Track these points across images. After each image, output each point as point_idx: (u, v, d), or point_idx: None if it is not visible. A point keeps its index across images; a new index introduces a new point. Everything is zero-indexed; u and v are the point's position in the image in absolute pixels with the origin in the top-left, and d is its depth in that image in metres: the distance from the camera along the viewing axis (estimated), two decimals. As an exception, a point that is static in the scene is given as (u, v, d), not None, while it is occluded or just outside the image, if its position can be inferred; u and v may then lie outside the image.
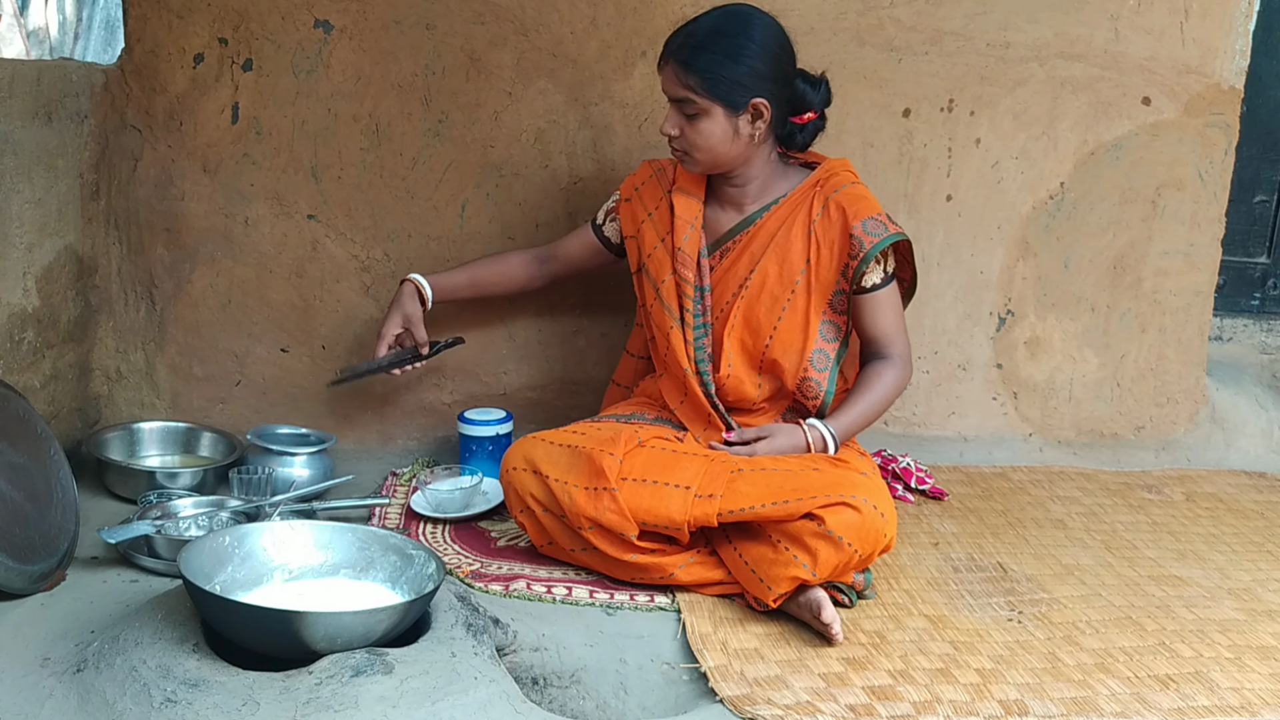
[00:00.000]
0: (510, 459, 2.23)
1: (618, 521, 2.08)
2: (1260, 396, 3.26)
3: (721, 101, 2.17)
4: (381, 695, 1.55)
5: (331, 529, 1.91)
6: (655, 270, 2.36)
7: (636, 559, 2.10)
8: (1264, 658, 2.00)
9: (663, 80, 2.22)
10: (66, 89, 2.46)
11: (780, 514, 2.01)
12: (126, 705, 1.55)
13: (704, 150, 2.22)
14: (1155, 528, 2.61)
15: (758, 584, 2.03)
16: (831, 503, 1.99)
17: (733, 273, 2.33)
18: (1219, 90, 2.95)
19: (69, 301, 2.54)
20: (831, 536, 1.97)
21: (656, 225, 2.38)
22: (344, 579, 1.87)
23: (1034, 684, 1.87)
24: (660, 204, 2.38)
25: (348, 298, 2.77)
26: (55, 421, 2.46)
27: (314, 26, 2.63)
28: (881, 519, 2.02)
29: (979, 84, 2.86)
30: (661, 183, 2.41)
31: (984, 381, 3.03)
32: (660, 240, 2.37)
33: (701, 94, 2.16)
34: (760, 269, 2.29)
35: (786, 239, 2.29)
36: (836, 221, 2.27)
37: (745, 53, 2.16)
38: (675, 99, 2.20)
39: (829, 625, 1.95)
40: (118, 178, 2.66)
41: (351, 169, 2.70)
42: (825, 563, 1.98)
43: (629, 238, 2.45)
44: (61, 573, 2.01)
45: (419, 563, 1.83)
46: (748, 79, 2.17)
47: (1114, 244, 3.00)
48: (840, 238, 2.26)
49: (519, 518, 2.22)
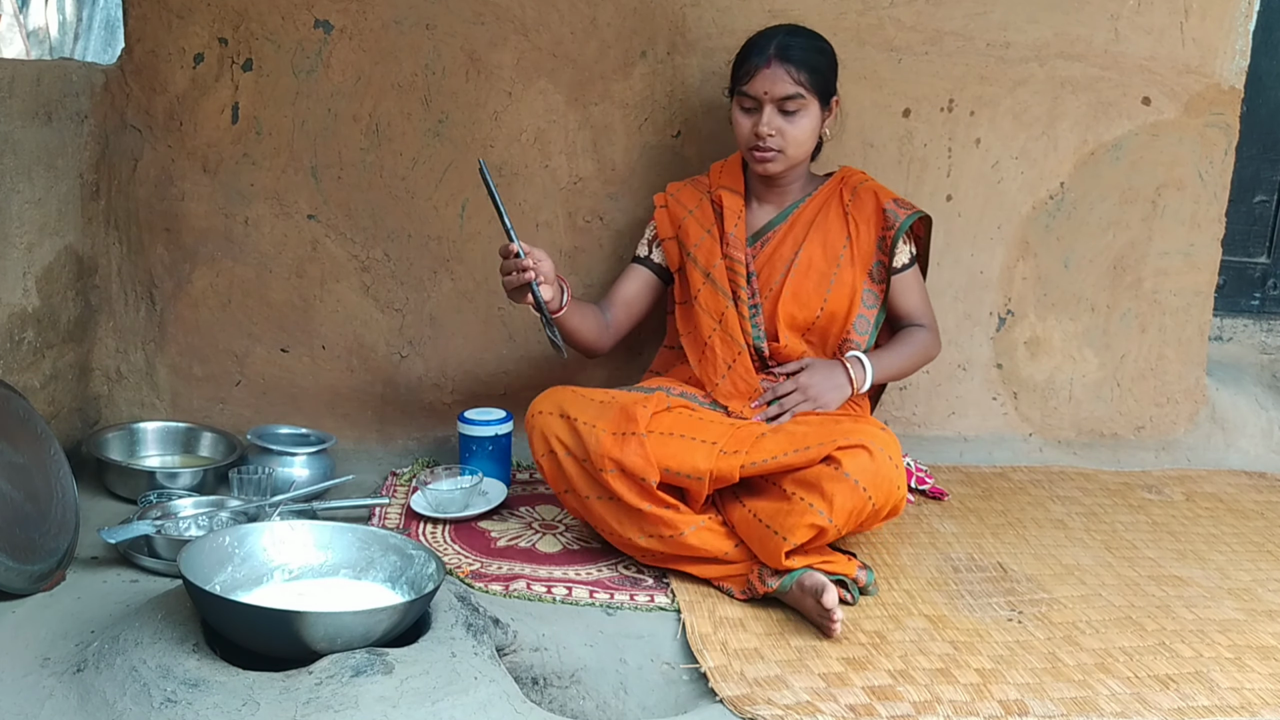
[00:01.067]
0: (538, 404, 2.27)
1: (641, 464, 2.11)
2: (1260, 396, 3.26)
3: (819, 96, 2.38)
4: (381, 695, 1.55)
5: (331, 529, 1.91)
6: (704, 258, 2.47)
7: (651, 509, 2.12)
8: (1264, 658, 2.00)
9: (761, 81, 2.33)
10: (66, 89, 2.46)
11: (802, 460, 2.08)
12: (126, 705, 1.55)
13: (796, 147, 2.39)
14: (1155, 528, 2.61)
15: (771, 539, 2.05)
16: (849, 445, 2.07)
17: (777, 256, 2.47)
18: (1219, 90, 2.95)
19: (69, 301, 2.54)
20: (848, 480, 2.03)
21: (700, 219, 2.51)
22: (344, 579, 1.87)
23: (1034, 684, 1.87)
24: (701, 202, 2.53)
25: (348, 298, 2.77)
26: (55, 421, 2.46)
27: (314, 26, 2.63)
28: (895, 468, 2.08)
29: (979, 84, 2.86)
30: (697, 188, 2.56)
31: (984, 381, 3.03)
32: (706, 231, 2.49)
33: (808, 89, 2.35)
34: (805, 250, 2.46)
35: (825, 222, 2.48)
36: (868, 202, 2.48)
37: (829, 55, 2.42)
38: (782, 96, 2.33)
39: (830, 611, 1.95)
40: (118, 178, 2.66)
41: (351, 169, 2.71)
42: (841, 508, 2.03)
43: (667, 240, 2.54)
44: (61, 573, 2.01)
45: (419, 563, 1.83)
46: (832, 78, 2.43)
47: (1114, 244, 3.00)
48: (874, 214, 2.47)
49: (540, 460, 2.25)
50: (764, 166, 2.40)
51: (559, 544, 2.33)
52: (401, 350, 2.81)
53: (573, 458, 2.20)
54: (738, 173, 2.53)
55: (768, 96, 2.34)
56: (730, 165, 2.55)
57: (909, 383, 2.99)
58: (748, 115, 2.39)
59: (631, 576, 2.19)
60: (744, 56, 2.39)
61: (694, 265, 2.49)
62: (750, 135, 2.38)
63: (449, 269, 2.78)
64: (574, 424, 2.19)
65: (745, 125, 2.39)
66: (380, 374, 2.82)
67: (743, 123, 2.40)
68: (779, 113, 2.35)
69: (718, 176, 2.54)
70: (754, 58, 2.35)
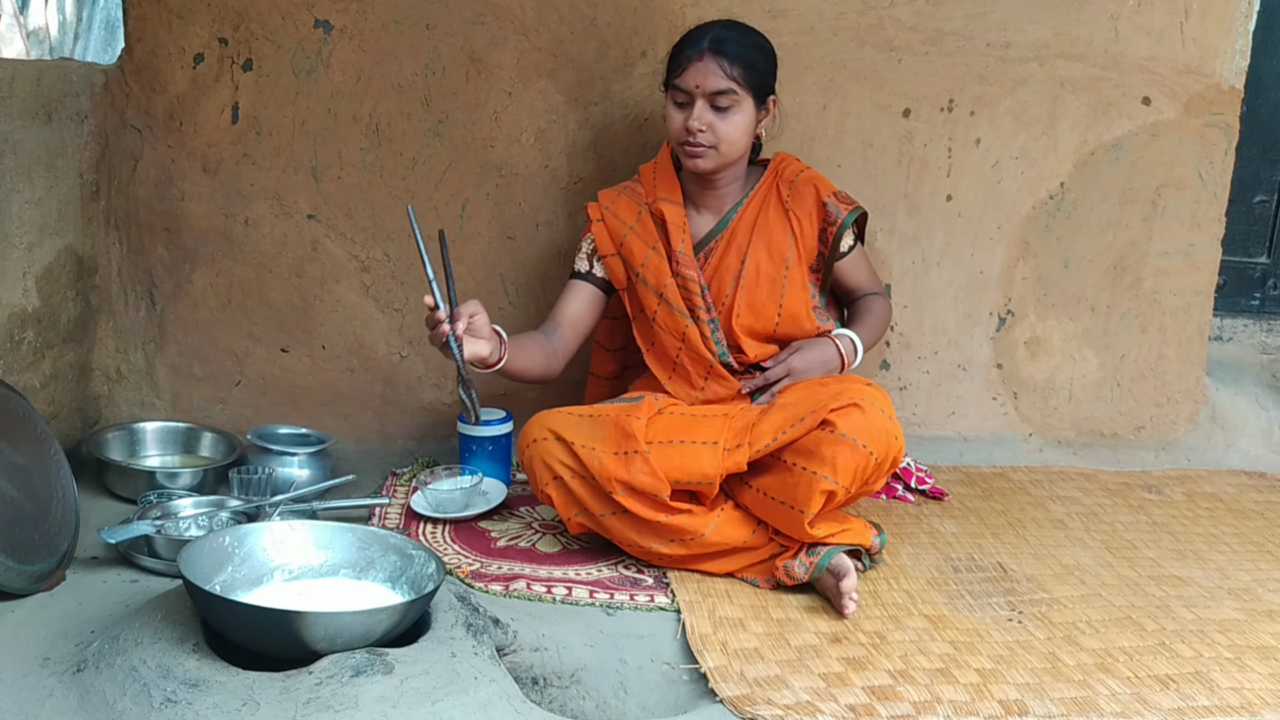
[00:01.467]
0: (531, 431, 2.24)
1: (651, 483, 2.11)
2: (1260, 396, 3.26)
3: (754, 94, 2.30)
4: (381, 695, 1.55)
5: (331, 529, 1.91)
6: (654, 279, 2.40)
7: (667, 520, 2.13)
8: (1264, 658, 2.00)
9: (693, 74, 2.27)
10: (66, 89, 2.46)
11: (800, 431, 2.11)
12: (126, 705, 1.55)
13: (729, 144, 2.31)
14: (1155, 528, 2.61)
15: (789, 514, 2.10)
16: (840, 405, 2.09)
17: (724, 266, 2.42)
18: (1219, 90, 2.95)
19: (69, 301, 2.54)
20: (846, 440, 2.06)
21: (643, 236, 2.42)
22: (344, 579, 1.87)
23: (1034, 684, 1.87)
24: (641, 216, 2.43)
25: (348, 298, 2.77)
26: (55, 421, 2.46)
27: (314, 26, 2.63)
28: (888, 420, 2.11)
29: (979, 84, 2.86)
30: (633, 198, 2.46)
31: (984, 381, 3.03)
32: (651, 249, 2.40)
33: (742, 85, 2.27)
34: (752, 258, 2.40)
35: (767, 224, 2.42)
36: (807, 195, 2.43)
37: (768, 52, 2.36)
38: (714, 91, 2.26)
39: (846, 594, 2.04)
40: (118, 178, 2.66)
41: (351, 169, 2.71)
42: (845, 469, 2.06)
43: (608, 256, 2.44)
44: (61, 573, 2.01)
45: (419, 562, 1.83)
46: (770, 76, 2.36)
47: (1114, 244, 3.00)
48: (815, 207, 2.43)
49: (546, 491, 2.21)
50: (694, 163, 2.33)
51: (559, 544, 2.33)
52: (401, 350, 2.81)
53: (580, 479, 2.17)
54: (672, 178, 2.45)
55: (699, 90, 2.27)
56: (663, 169, 2.46)
57: (909, 382, 2.99)
58: (680, 110, 2.31)
59: (631, 577, 2.19)
60: (678, 49, 2.32)
61: (645, 286, 2.41)
62: (681, 130, 2.30)
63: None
64: (573, 447, 2.16)
65: (677, 120, 2.31)
66: (380, 374, 2.82)
67: (675, 117, 2.32)
68: (710, 108, 2.28)
69: (652, 184, 2.45)
70: (687, 50, 2.29)
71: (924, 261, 2.93)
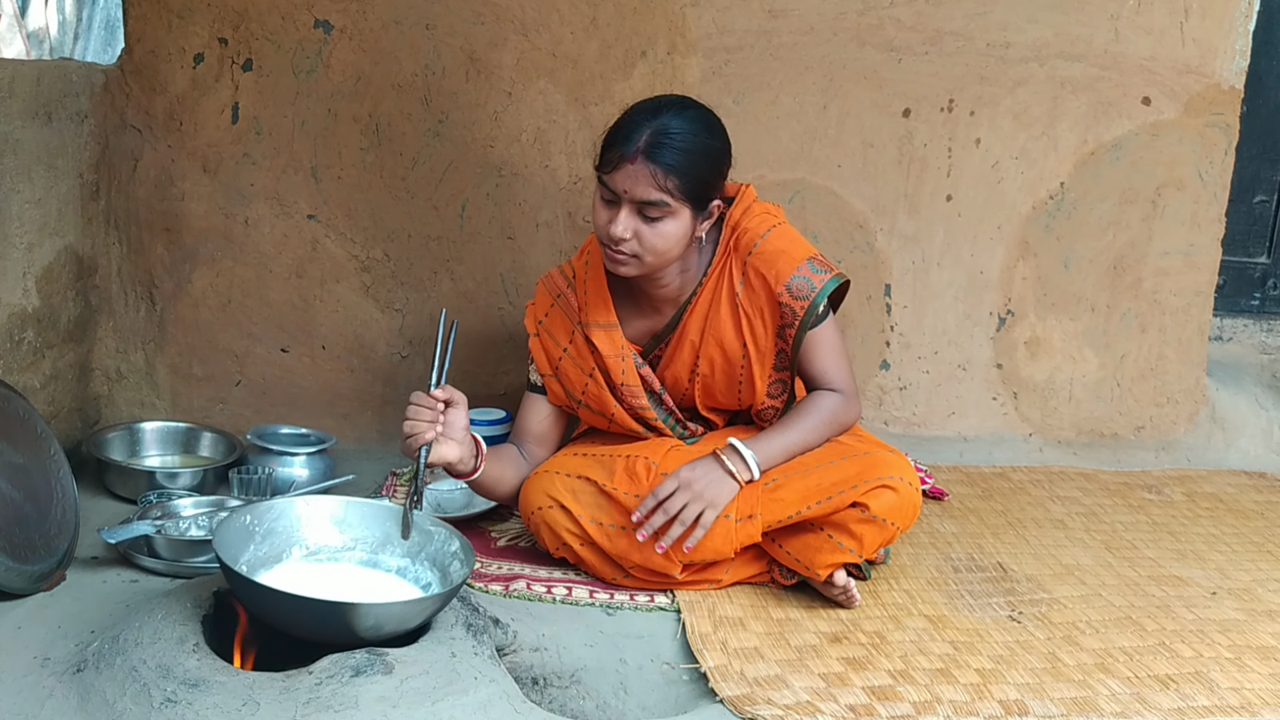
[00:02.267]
0: (532, 499, 2.14)
1: (664, 564, 2.09)
2: (1260, 396, 3.26)
3: (692, 204, 2.01)
4: (381, 695, 1.55)
5: (346, 504, 1.91)
6: (597, 405, 2.21)
7: (685, 578, 2.12)
8: (1264, 658, 2.00)
9: (622, 179, 1.96)
10: (66, 89, 2.46)
11: (826, 510, 2.04)
12: (126, 705, 1.55)
13: (657, 254, 2.03)
14: (1155, 528, 2.61)
15: (802, 569, 2.10)
16: (871, 488, 2.03)
17: (679, 360, 2.20)
18: (1219, 90, 2.95)
19: (69, 301, 2.54)
20: (876, 520, 2.04)
21: (578, 361, 2.20)
22: (361, 554, 1.87)
23: (1034, 684, 1.87)
24: (574, 337, 2.20)
25: (348, 298, 2.77)
26: (55, 421, 2.46)
27: (314, 26, 2.63)
28: (915, 492, 2.08)
29: (979, 84, 2.86)
30: (566, 313, 2.22)
31: (984, 381, 3.03)
32: (589, 376, 2.19)
33: (677, 198, 1.98)
34: (705, 357, 2.18)
35: (718, 321, 2.16)
36: (760, 291, 2.13)
37: (720, 156, 2.05)
38: (643, 200, 1.97)
39: (843, 589, 2.07)
40: (118, 178, 2.66)
41: (351, 169, 2.71)
42: (870, 544, 2.06)
43: (547, 376, 2.24)
44: (61, 573, 2.01)
45: (439, 539, 1.84)
46: (717, 182, 2.06)
47: (1114, 244, 3.00)
48: (769, 306, 2.13)
49: (559, 553, 2.17)
50: (616, 268, 2.05)
51: (559, 544, 2.33)
52: (402, 350, 2.81)
53: (593, 548, 2.13)
54: (603, 284, 2.17)
55: (626, 196, 1.97)
56: (594, 273, 2.18)
57: (909, 382, 2.99)
58: (606, 207, 2.02)
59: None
60: (610, 139, 2.01)
61: (589, 411, 2.22)
62: (604, 231, 2.02)
63: (449, 269, 2.78)
64: (580, 521, 2.11)
65: (601, 218, 2.02)
66: (380, 374, 2.81)
67: (600, 214, 2.03)
68: (638, 214, 1.99)
69: (583, 294, 2.18)
70: (620, 145, 1.97)
71: (924, 261, 2.93)
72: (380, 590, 1.79)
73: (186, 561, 2.06)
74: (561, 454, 2.25)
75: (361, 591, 1.77)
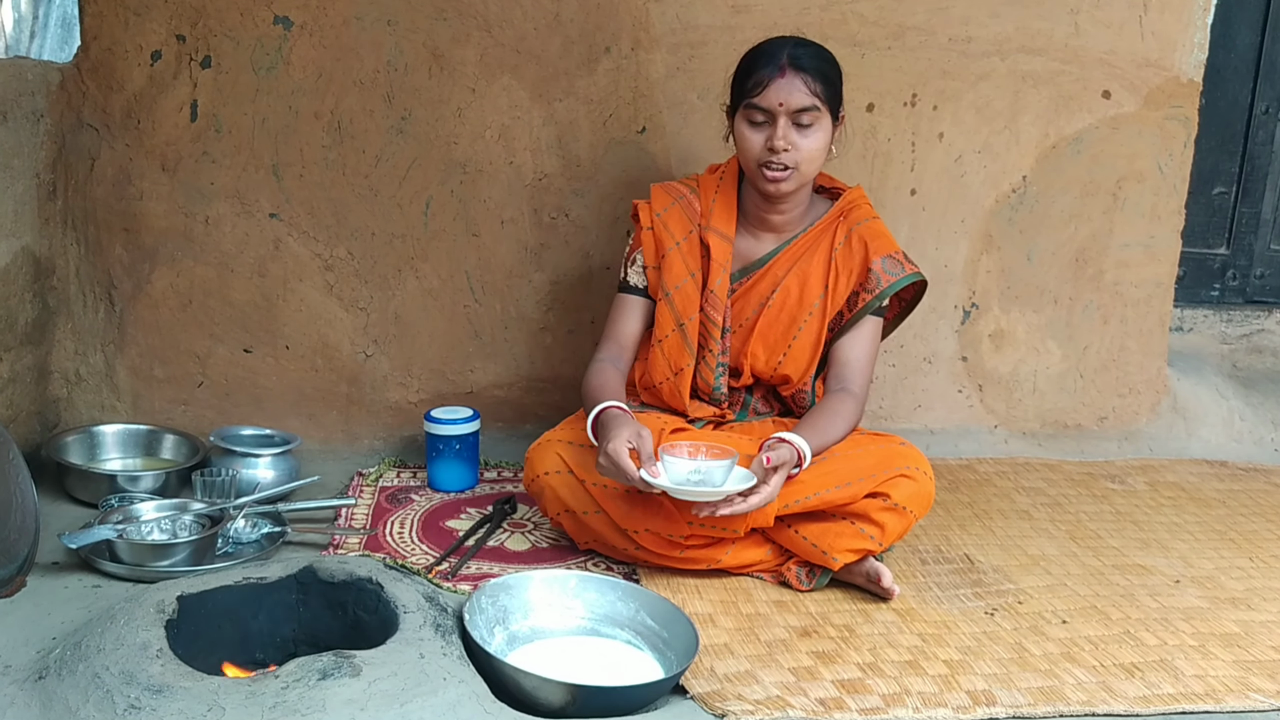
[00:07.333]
0: (540, 463, 2.21)
1: (668, 526, 2.12)
2: (1221, 386, 3.29)
3: (832, 112, 2.21)
4: (349, 698, 1.54)
5: (581, 580, 2.00)
6: (682, 305, 2.31)
7: (685, 554, 2.15)
8: (1227, 645, 2.02)
9: (775, 91, 2.15)
10: (22, 88, 2.42)
11: (845, 497, 2.11)
12: (90, 712, 1.53)
13: (810, 163, 2.21)
14: (1119, 517, 2.63)
15: (819, 556, 2.13)
16: (891, 477, 2.13)
17: (755, 292, 2.33)
18: (1178, 83, 2.98)
19: (26, 303, 2.50)
20: (898, 508, 2.12)
21: (686, 257, 2.31)
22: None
23: (1001, 674, 1.88)
24: (690, 236, 2.32)
25: (311, 296, 2.74)
26: (14, 425, 2.42)
27: (273, 23, 2.60)
28: (931, 482, 2.18)
29: (941, 78, 2.87)
30: (688, 212, 2.33)
31: (949, 374, 3.05)
32: (690, 275, 2.31)
33: (823, 103, 2.18)
34: (782, 289, 2.31)
35: (808, 264, 2.31)
36: (858, 252, 2.30)
37: (839, 67, 2.26)
38: (798, 108, 2.15)
39: (890, 590, 2.11)
40: (75, 177, 2.62)
41: (313, 167, 2.68)
42: (891, 532, 2.14)
43: (650, 267, 2.35)
44: (22, 579, 1.98)
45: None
46: (842, 93, 2.26)
47: (1076, 236, 3.03)
48: (859, 269, 2.30)
49: (558, 519, 2.22)
50: (776, 186, 2.20)
51: (528, 542, 2.32)
52: (366, 349, 2.79)
53: (600, 515, 2.17)
54: (733, 203, 2.33)
55: (783, 109, 2.15)
56: (725, 192, 2.34)
57: (876, 376, 2.99)
58: (758, 130, 2.19)
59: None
60: (750, 67, 2.20)
61: (669, 308, 2.31)
62: (763, 151, 2.18)
63: (413, 267, 2.76)
64: (586, 485, 2.16)
65: (756, 141, 2.19)
66: (345, 373, 2.79)
67: (753, 138, 2.19)
68: (794, 126, 2.17)
69: (710, 204, 2.33)
70: (764, 68, 2.16)
71: (889, 255, 2.94)
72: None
73: (149, 566, 2.04)
74: (565, 425, 2.30)
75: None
